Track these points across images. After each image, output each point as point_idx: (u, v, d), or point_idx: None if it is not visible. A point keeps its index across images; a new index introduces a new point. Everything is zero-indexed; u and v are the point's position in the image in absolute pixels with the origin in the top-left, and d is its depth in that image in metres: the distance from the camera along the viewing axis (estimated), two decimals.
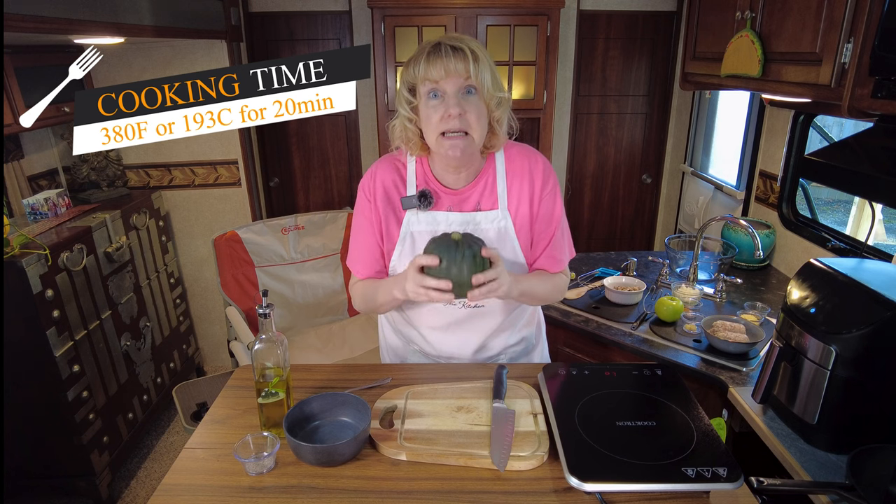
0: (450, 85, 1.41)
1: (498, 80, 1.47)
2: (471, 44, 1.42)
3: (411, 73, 1.45)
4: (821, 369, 1.48)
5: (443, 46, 1.40)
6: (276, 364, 1.41)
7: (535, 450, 1.33)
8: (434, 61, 1.39)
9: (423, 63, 1.40)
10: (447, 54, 1.39)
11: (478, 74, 1.41)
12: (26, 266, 2.39)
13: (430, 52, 1.40)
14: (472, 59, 1.40)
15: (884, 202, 1.53)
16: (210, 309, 4.06)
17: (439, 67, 1.39)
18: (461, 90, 1.43)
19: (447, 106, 1.43)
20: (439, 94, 1.44)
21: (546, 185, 1.62)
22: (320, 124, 4.21)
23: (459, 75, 1.40)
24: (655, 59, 4.16)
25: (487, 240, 1.59)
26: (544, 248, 1.64)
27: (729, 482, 1.16)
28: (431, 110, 1.45)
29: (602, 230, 4.64)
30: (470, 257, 1.36)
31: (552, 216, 1.64)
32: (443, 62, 1.39)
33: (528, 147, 1.67)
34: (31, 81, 2.71)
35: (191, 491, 1.26)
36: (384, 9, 3.42)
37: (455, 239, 1.39)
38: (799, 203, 2.79)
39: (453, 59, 1.39)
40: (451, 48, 1.40)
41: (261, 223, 3.23)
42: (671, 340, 2.15)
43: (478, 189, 1.60)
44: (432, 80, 1.42)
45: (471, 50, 1.40)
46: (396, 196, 1.61)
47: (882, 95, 1.55)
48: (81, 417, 2.70)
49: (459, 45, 1.40)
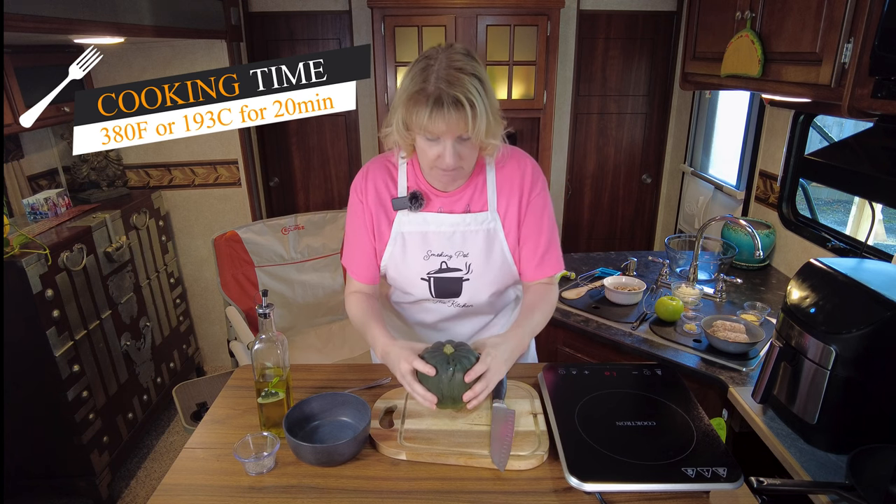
0: (448, 136, 1.40)
1: (493, 123, 1.43)
2: (470, 92, 1.36)
3: (412, 119, 1.41)
4: (821, 369, 1.48)
5: (445, 97, 1.35)
6: (275, 364, 1.41)
7: (535, 449, 1.33)
8: (436, 118, 1.36)
9: (425, 116, 1.36)
10: (449, 110, 1.35)
11: (475, 127, 1.38)
12: (26, 266, 2.39)
13: (434, 107, 1.35)
14: (472, 115, 1.36)
15: (884, 202, 1.53)
16: (210, 309, 4.05)
17: (440, 123, 1.37)
18: (458, 138, 1.42)
19: (443, 155, 1.43)
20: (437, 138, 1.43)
21: (535, 188, 1.62)
22: (320, 124, 4.21)
23: (459, 129, 1.39)
24: (655, 59, 4.16)
25: (476, 241, 1.60)
26: (536, 251, 1.64)
27: (729, 482, 1.16)
28: (427, 147, 1.45)
29: (602, 230, 4.64)
30: (460, 377, 1.35)
31: (542, 219, 1.64)
32: (444, 119, 1.36)
33: (518, 149, 1.68)
34: (31, 81, 2.71)
35: (191, 491, 1.26)
36: (384, 9, 3.42)
37: (447, 353, 1.38)
38: (799, 203, 2.79)
39: (454, 115, 1.35)
40: (454, 101, 1.35)
41: (261, 223, 3.23)
42: (671, 340, 2.15)
43: (468, 191, 1.61)
44: (432, 133, 1.40)
45: (470, 103, 1.35)
46: (388, 197, 1.62)
47: (882, 95, 1.55)
48: (81, 417, 2.70)
49: (460, 97, 1.35)
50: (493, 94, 1.44)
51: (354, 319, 1.66)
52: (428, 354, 1.40)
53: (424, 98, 1.36)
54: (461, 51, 1.42)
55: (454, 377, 1.34)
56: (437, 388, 1.36)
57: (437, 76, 1.36)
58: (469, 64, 1.39)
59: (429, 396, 1.35)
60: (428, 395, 1.35)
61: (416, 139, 1.47)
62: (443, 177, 1.52)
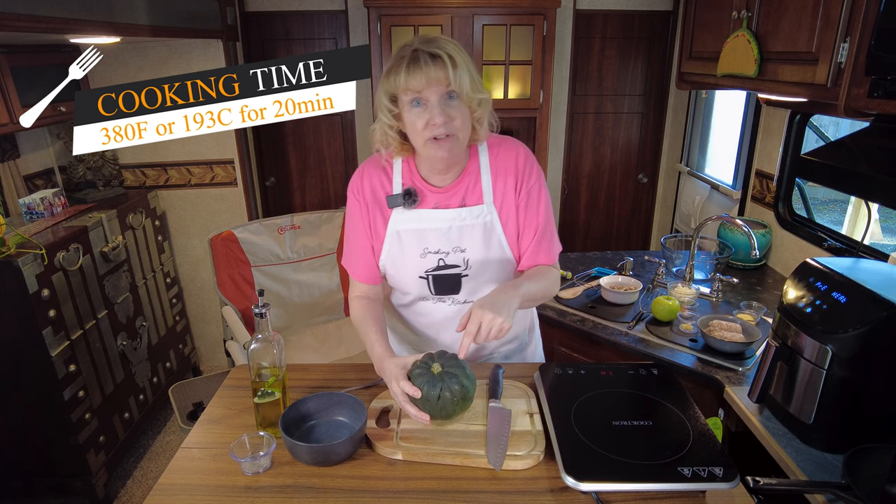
0: (431, 93, 1.41)
1: (477, 81, 1.46)
2: (448, 48, 1.40)
3: (391, 83, 1.43)
4: (817, 369, 1.49)
5: (421, 55, 1.38)
6: (272, 364, 1.41)
7: (532, 449, 1.33)
8: (414, 71, 1.38)
9: (403, 73, 1.39)
10: (426, 63, 1.37)
11: (457, 80, 1.39)
12: (22, 266, 2.39)
13: (410, 63, 1.38)
14: (451, 66, 1.38)
15: (880, 202, 1.53)
16: (206, 308, 4.05)
17: (420, 77, 1.38)
18: (443, 96, 1.42)
19: (431, 114, 1.42)
20: (422, 102, 1.43)
21: (530, 176, 1.61)
22: (316, 124, 4.20)
23: (440, 83, 1.39)
24: (652, 59, 4.16)
25: (473, 236, 1.60)
26: (532, 239, 1.63)
27: (725, 482, 1.16)
28: (416, 118, 1.44)
29: (598, 230, 4.64)
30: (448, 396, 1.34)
31: (538, 206, 1.63)
32: (423, 72, 1.37)
33: (510, 139, 1.67)
34: (28, 81, 2.70)
35: (187, 491, 1.26)
36: (380, 8, 3.42)
37: (435, 373, 1.37)
38: (795, 203, 2.80)
39: (433, 68, 1.37)
40: (430, 55, 1.38)
41: (257, 223, 3.22)
42: (667, 340, 2.15)
43: (462, 185, 1.60)
44: (414, 90, 1.41)
45: (449, 56, 1.39)
46: (383, 195, 1.62)
47: (878, 95, 1.55)
48: (77, 417, 2.69)
49: (437, 51, 1.38)
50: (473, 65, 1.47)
51: (357, 326, 1.66)
52: (417, 372, 1.38)
53: (400, 60, 1.40)
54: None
55: (442, 396, 1.34)
56: (426, 407, 1.35)
57: (412, 44, 1.42)
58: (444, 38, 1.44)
59: (421, 416, 1.35)
60: (420, 415, 1.35)
61: (405, 115, 1.46)
62: (438, 150, 1.47)
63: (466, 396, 1.37)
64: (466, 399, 1.38)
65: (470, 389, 1.38)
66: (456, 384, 1.35)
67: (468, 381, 1.38)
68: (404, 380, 1.37)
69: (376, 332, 1.57)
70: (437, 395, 1.34)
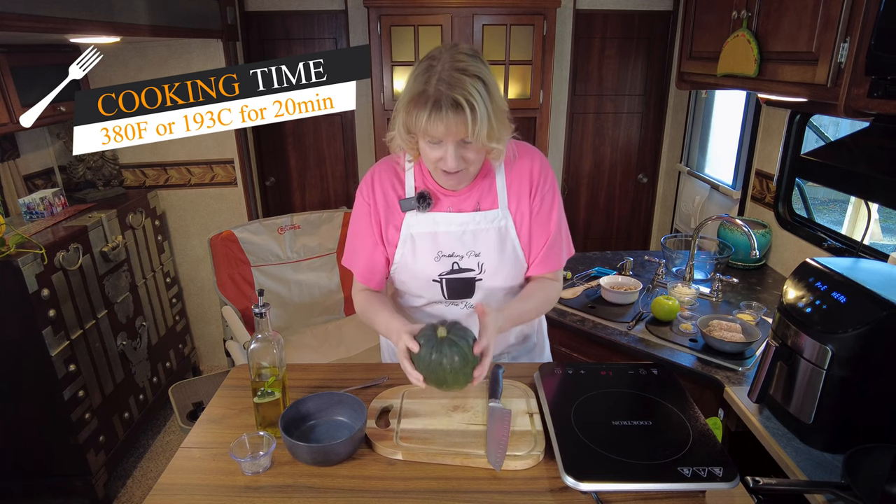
0: (449, 139, 1.39)
1: (497, 124, 1.40)
2: (471, 93, 1.34)
3: (412, 122, 1.39)
4: (817, 369, 1.49)
5: (444, 101, 1.33)
6: (272, 363, 1.41)
7: (531, 449, 1.33)
8: (435, 120, 1.34)
9: (424, 119, 1.35)
10: (448, 112, 1.33)
11: (475, 132, 1.36)
12: (22, 266, 2.39)
13: (433, 110, 1.34)
14: (471, 118, 1.34)
15: (880, 202, 1.53)
16: (206, 308, 4.05)
17: (439, 127, 1.35)
18: (459, 142, 1.40)
19: (445, 157, 1.42)
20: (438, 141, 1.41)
21: (544, 183, 1.61)
22: (316, 124, 4.20)
23: (459, 134, 1.37)
24: (652, 59, 4.16)
25: (488, 240, 1.59)
26: (542, 247, 1.62)
27: (725, 482, 1.16)
28: (430, 150, 1.43)
29: (598, 230, 4.64)
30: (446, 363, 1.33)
31: (550, 214, 1.62)
32: (443, 122, 1.34)
33: (527, 144, 1.65)
34: (28, 81, 2.70)
35: (187, 490, 1.26)
36: (380, 8, 3.42)
37: (439, 337, 1.36)
38: (795, 202, 2.80)
39: (453, 119, 1.34)
40: (453, 103, 1.33)
41: (257, 223, 3.22)
42: (667, 340, 2.15)
43: (477, 189, 1.59)
44: (431, 137, 1.39)
45: (470, 105, 1.33)
46: (395, 198, 1.61)
47: (878, 95, 1.55)
48: (77, 417, 2.69)
49: (460, 99, 1.33)
50: (500, 97, 1.42)
51: (361, 314, 1.66)
52: (423, 332, 1.39)
53: (424, 101, 1.34)
54: (466, 51, 1.40)
55: (438, 361, 1.34)
56: (420, 366, 1.36)
57: (439, 78, 1.34)
58: (473, 65, 1.37)
59: (414, 375, 1.36)
60: (414, 373, 1.36)
61: (419, 142, 1.45)
62: (448, 179, 1.50)
63: (464, 369, 1.35)
64: (463, 372, 1.35)
65: (469, 362, 1.35)
66: (456, 354, 1.33)
67: (469, 354, 1.35)
68: (408, 337, 1.38)
69: (383, 307, 1.59)
70: (434, 359, 1.34)
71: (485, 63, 1.42)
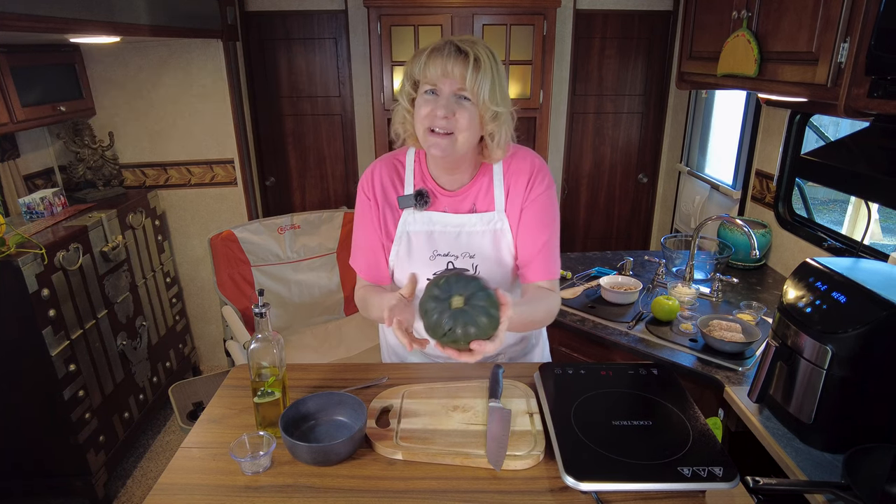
0: (446, 86, 1.39)
1: (499, 93, 1.40)
2: (479, 49, 1.36)
3: (413, 66, 1.42)
4: (817, 369, 1.49)
5: (448, 46, 1.36)
6: (272, 363, 1.41)
7: (531, 449, 1.33)
8: (434, 60, 1.36)
9: (423, 59, 1.37)
10: (448, 55, 1.35)
11: (474, 83, 1.35)
12: (22, 265, 2.39)
13: (434, 50, 1.37)
14: (473, 67, 1.34)
15: (880, 202, 1.53)
16: (206, 308, 4.05)
17: (437, 67, 1.36)
18: (456, 93, 1.39)
19: (437, 105, 1.40)
20: (436, 93, 1.41)
21: (541, 187, 1.59)
22: (316, 123, 4.21)
23: (455, 79, 1.37)
24: (652, 59, 4.16)
25: (483, 242, 1.58)
26: (537, 254, 1.59)
27: (725, 482, 1.16)
28: (423, 104, 1.42)
29: (598, 230, 4.64)
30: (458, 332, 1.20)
31: (546, 220, 1.59)
32: (442, 63, 1.35)
33: (525, 148, 1.65)
34: (28, 81, 2.71)
35: (187, 490, 1.26)
36: (380, 8, 3.42)
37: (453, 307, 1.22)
38: (795, 202, 2.80)
39: (452, 62, 1.35)
40: (456, 49, 1.35)
41: (257, 222, 3.22)
42: (667, 340, 2.15)
43: (473, 191, 1.59)
44: (430, 80, 1.39)
45: (475, 56, 1.34)
46: (394, 194, 1.61)
47: (878, 95, 1.55)
48: (77, 417, 2.69)
49: (465, 47, 1.35)
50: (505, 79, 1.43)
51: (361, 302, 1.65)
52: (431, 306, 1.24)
53: (428, 48, 1.38)
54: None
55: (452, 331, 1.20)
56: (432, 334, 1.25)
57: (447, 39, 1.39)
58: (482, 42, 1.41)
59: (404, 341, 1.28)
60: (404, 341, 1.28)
61: (417, 101, 1.44)
62: (433, 145, 1.43)
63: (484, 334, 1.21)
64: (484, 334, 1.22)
65: (489, 329, 1.21)
66: (472, 326, 1.20)
67: (489, 320, 1.21)
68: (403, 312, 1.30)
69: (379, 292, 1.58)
70: (449, 330, 1.20)
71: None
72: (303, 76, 4.09)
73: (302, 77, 4.09)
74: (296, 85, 4.11)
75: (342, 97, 4.14)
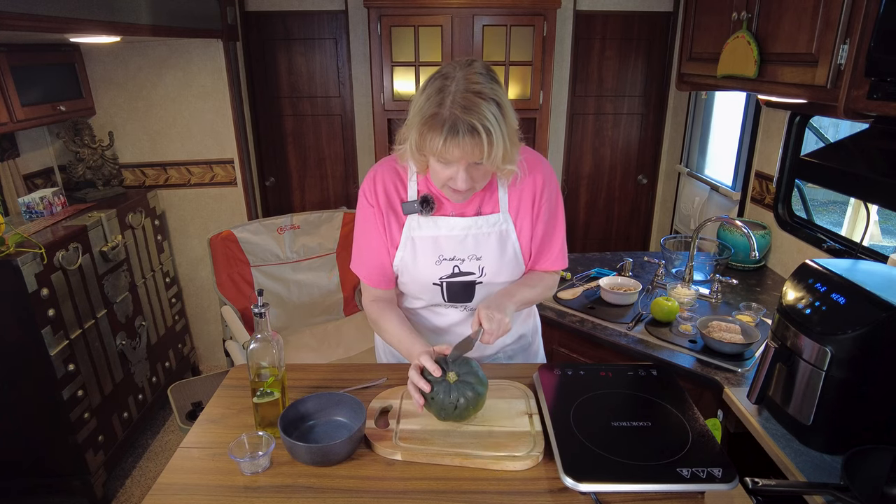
0: (462, 162, 1.37)
1: (510, 147, 1.39)
2: (487, 118, 1.31)
3: (425, 145, 1.37)
4: (816, 370, 1.49)
5: (460, 125, 1.30)
6: (271, 363, 1.41)
7: (530, 450, 1.33)
8: (450, 145, 1.32)
9: (439, 142, 1.32)
10: (464, 138, 1.30)
11: (491, 155, 1.34)
12: (22, 265, 2.39)
13: (448, 135, 1.31)
14: (487, 143, 1.31)
15: (879, 203, 1.53)
16: (205, 308, 4.05)
17: (454, 151, 1.33)
18: (471, 163, 1.39)
19: (455, 178, 1.41)
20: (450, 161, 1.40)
21: (547, 187, 1.61)
22: (316, 124, 4.21)
23: (474, 157, 1.35)
24: (651, 60, 4.16)
25: (489, 244, 1.59)
26: (548, 249, 1.66)
27: (724, 483, 1.16)
28: (440, 169, 1.42)
29: (598, 231, 4.65)
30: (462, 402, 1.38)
31: (554, 217, 1.65)
32: (459, 147, 1.32)
33: (528, 149, 1.65)
34: (28, 80, 2.70)
35: (186, 490, 1.26)
36: (380, 8, 3.42)
37: (451, 381, 1.39)
38: (795, 204, 2.80)
39: (469, 143, 1.31)
40: (469, 128, 1.30)
41: (256, 223, 3.22)
42: (666, 341, 2.15)
43: (479, 194, 1.59)
44: (447, 159, 1.37)
45: (486, 130, 1.31)
46: (397, 200, 1.60)
47: (878, 97, 1.55)
48: (76, 416, 2.69)
49: (476, 124, 1.30)
50: (512, 117, 1.40)
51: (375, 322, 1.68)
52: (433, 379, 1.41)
53: (439, 124, 1.31)
54: (481, 70, 1.37)
55: (458, 404, 1.38)
56: (442, 414, 1.40)
57: (453, 100, 1.31)
58: (488, 86, 1.34)
59: (417, 398, 1.39)
60: (417, 397, 1.39)
61: (430, 160, 1.43)
62: (455, 194, 1.49)
63: (479, 400, 1.41)
64: (480, 402, 1.42)
65: (483, 394, 1.42)
66: (470, 391, 1.38)
67: (481, 387, 1.41)
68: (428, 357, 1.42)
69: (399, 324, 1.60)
70: (454, 404, 1.37)
71: (499, 82, 1.40)
72: (303, 76, 4.09)
73: (302, 77, 4.09)
74: (296, 85, 4.11)
75: (342, 97, 4.14)
